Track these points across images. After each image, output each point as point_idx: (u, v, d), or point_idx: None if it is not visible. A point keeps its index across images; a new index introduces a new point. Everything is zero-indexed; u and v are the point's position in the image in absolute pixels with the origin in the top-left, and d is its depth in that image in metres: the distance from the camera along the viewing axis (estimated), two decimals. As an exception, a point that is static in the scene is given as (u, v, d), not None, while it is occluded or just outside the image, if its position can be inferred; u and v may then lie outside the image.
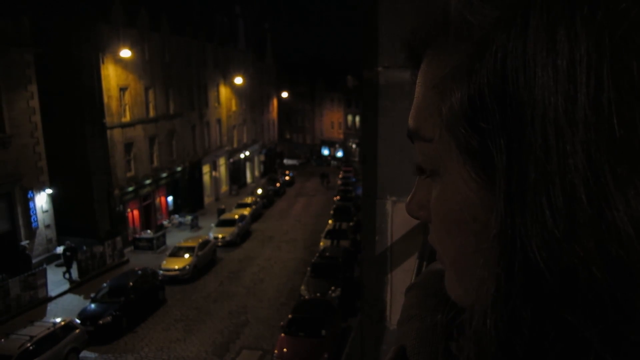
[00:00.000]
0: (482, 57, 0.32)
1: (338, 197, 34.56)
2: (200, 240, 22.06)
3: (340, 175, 46.88)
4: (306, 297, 16.87)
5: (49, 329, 13.32)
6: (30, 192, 19.60)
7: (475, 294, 0.33)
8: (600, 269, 0.27)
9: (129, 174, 25.54)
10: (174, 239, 25.00)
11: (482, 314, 0.32)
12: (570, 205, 0.28)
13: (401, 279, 1.66)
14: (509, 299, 0.30)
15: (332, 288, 17.15)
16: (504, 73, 0.30)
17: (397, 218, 1.66)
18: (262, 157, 48.95)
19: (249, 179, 44.32)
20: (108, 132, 23.64)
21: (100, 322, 15.12)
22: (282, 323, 14.62)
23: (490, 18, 0.32)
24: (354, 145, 61.15)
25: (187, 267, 20.15)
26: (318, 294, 16.83)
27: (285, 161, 60.56)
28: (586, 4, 0.28)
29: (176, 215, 29.62)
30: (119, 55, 23.93)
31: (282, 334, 13.95)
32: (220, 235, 24.97)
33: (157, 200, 28.81)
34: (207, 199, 34.76)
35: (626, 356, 0.27)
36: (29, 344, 12.50)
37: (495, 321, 0.31)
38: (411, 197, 0.45)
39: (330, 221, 26.71)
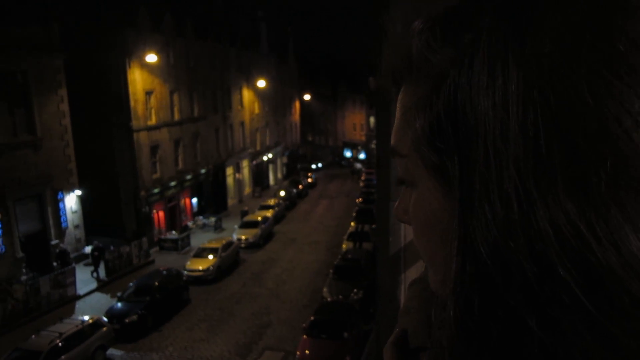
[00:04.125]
0: (439, 91, 0.39)
1: (360, 200, 34.46)
2: (223, 242, 22.32)
3: (363, 177, 46.72)
4: (328, 299, 16.89)
5: (77, 326, 13.68)
6: (60, 193, 20.15)
7: (444, 284, 0.40)
8: (528, 261, 0.33)
9: (154, 176, 26.00)
10: (198, 240, 25.33)
11: (447, 299, 0.39)
12: (505, 210, 0.34)
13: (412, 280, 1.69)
14: (463, 286, 0.37)
15: (355, 290, 17.12)
16: (456, 103, 0.37)
17: (411, 219, 1.69)
18: (285, 159, 49.18)
19: (271, 181, 44.58)
20: (134, 135, 24.13)
21: (127, 320, 15.45)
22: (304, 325, 14.67)
23: (446, 57, 0.39)
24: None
25: (211, 267, 20.40)
26: (340, 296, 16.83)
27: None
28: (517, 47, 0.34)
29: (200, 217, 30.00)
30: (145, 60, 24.39)
31: (304, 336, 14.00)
32: (243, 237, 25.21)
33: (182, 201, 29.24)
34: (231, 201, 35.10)
35: (560, 339, 0.32)
36: (58, 341, 12.87)
37: (454, 305, 0.37)
38: (398, 204, 0.53)
39: (352, 223, 26.67)
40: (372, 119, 62.63)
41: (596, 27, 0.33)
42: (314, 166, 56.88)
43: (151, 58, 24.48)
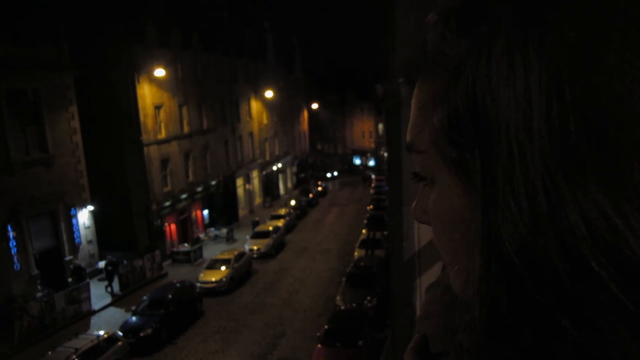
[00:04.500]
0: (457, 83, 0.38)
1: (371, 206, 34.35)
2: (235, 253, 22.32)
3: (373, 184, 46.63)
4: (342, 307, 16.79)
5: (93, 341, 13.73)
6: (73, 209, 20.32)
7: (468, 286, 0.39)
8: (559, 257, 0.31)
9: (165, 189, 26.14)
10: (210, 251, 25.38)
11: (471, 301, 0.37)
12: (532, 205, 0.33)
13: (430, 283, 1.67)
14: (489, 287, 0.35)
15: (368, 298, 17.02)
16: (475, 95, 0.36)
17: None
18: (295, 169, 49.25)
19: (282, 190, 44.63)
20: (145, 149, 24.31)
21: (142, 334, 15.46)
22: (318, 334, 14.59)
23: (463, 48, 0.38)
24: (385, 154, 60.76)
25: (224, 279, 20.40)
26: (354, 304, 16.73)
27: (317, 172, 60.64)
28: (537, 35, 0.33)
29: (212, 228, 30.08)
30: (153, 75, 24.63)
31: (319, 345, 13.93)
32: (255, 247, 25.20)
33: (193, 213, 29.34)
34: (242, 212, 35.17)
35: (597, 338, 0.31)
36: (74, 356, 12.91)
37: (480, 307, 0.36)
38: (416, 204, 0.51)
39: (364, 231, 26.58)
40: (380, 126, 62.64)
41: (622, 12, 0.32)
42: (328, 174, 56.82)
43: (159, 72, 24.71)
